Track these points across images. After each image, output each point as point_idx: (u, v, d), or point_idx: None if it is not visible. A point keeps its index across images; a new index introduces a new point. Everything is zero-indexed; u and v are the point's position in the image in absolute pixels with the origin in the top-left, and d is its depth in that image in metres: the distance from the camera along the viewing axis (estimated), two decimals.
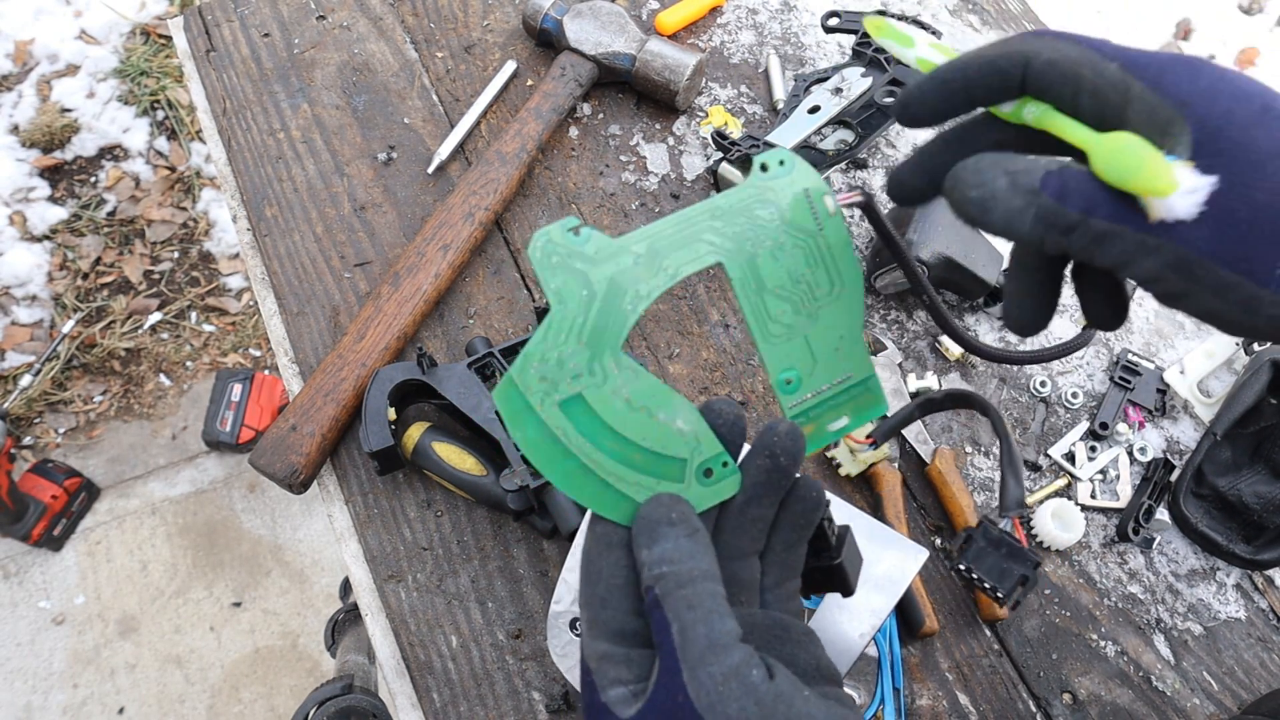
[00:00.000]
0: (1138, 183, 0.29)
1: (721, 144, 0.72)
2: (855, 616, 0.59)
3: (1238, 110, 0.29)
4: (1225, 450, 0.69)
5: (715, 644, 0.32)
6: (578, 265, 0.36)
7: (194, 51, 0.88)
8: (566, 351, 0.36)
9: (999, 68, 0.34)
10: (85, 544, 1.70)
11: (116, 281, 1.93)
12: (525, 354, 0.35)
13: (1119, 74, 0.31)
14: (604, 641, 0.35)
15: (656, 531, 0.35)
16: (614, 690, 0.34)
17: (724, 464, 0.37)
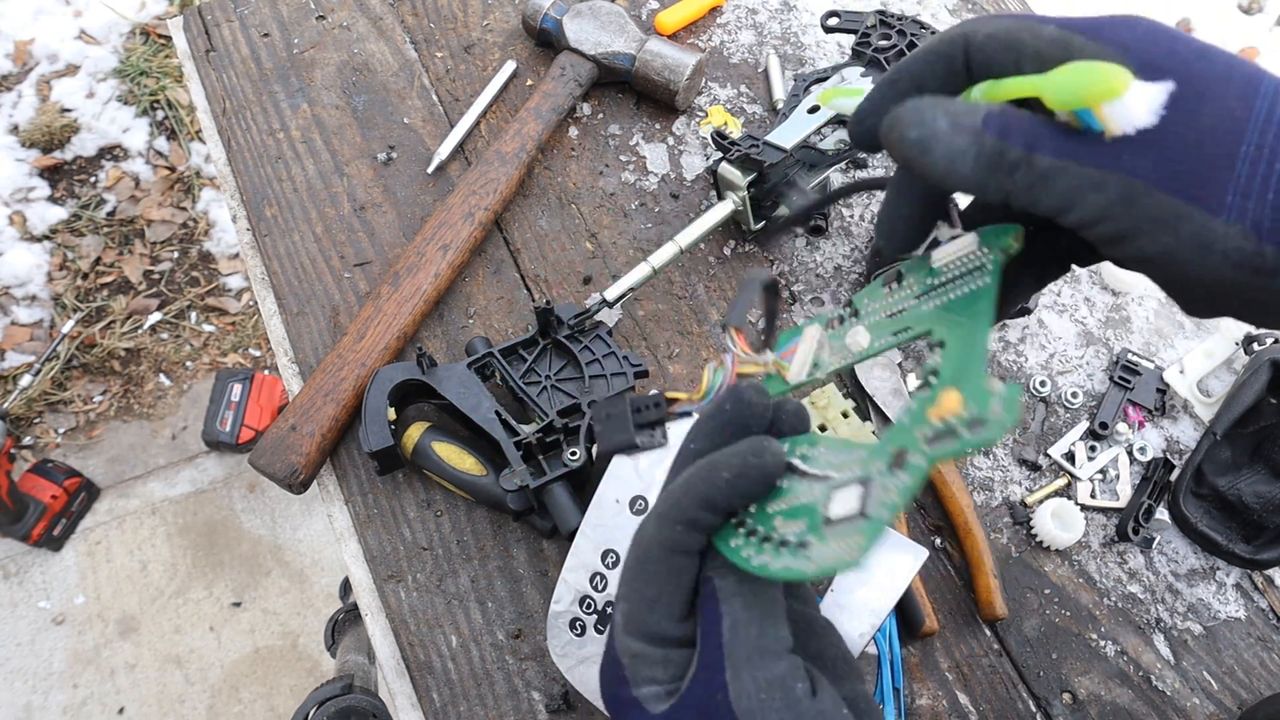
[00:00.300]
0: (1091, 89, 0.28)
1: (721, 144, 0.72)
2: (855, 616, 0.59)
3: (1178, 49, 0.29)
4: (1225, 450, 0.69)
5: (765, 649, 0.31)
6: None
7: (194, 51, 0.88)
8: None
9: (941, 53, 0.34)
10: (85, 544, 1.70)
11: (116, 281, 1.93)
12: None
13: (1057, 33, 0.31)
14: (640, 641, 0.34)
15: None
16: (648, 688, 0.33)
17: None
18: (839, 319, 0.41)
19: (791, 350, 0.41)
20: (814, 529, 0.32)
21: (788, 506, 0.34)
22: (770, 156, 0.70)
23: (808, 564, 0.31)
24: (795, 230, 0.44)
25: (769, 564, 0.32)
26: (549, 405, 0.66)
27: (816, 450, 0.36)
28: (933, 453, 0.31)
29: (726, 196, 0.73)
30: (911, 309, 0.39)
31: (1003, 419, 0.30)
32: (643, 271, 0.70)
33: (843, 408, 0.70)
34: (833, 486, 0.33)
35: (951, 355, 0.34)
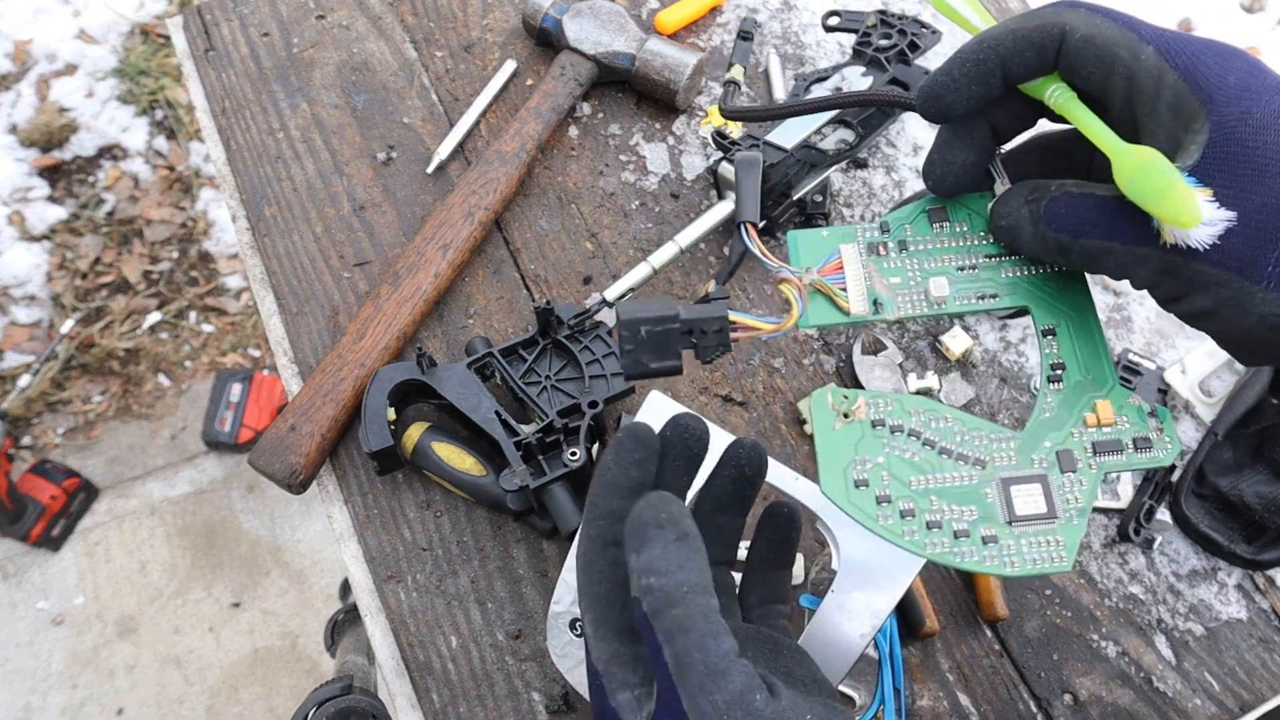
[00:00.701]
0: (1161, 211, 0.30)
1: (721, 144, 0.72)
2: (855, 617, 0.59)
3: (1255, 112, 0.30)
4: (1227, 450, 0.69)
5: (713, 670, 0.30)
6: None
7: (193, 51, 0.88)
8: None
9: (1034, 42, 0.33)
10: (84, 544, 1.70)
11: (115, 281, 1.93)
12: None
13: (1155, 59, 0.31)
14: (613, 640, 0.34)
15: (645, 535, 0.32)
16: (622, 694, 0.33)
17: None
18: (883, 245, 0.37)
19: (833, 268, 0.37)
20: (993, 522, 0.32)
21: (941, 485, 0.33)
22: (771, 156, 0.70)
23: (1008, 561, 0.32)
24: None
25: (955, 554, 0.32)
26: (549, 405, 0.66)
27: (942, 418, 0.34)
28: (1102, 465, 0.33)
29: (727, 196, 0.73)
30: (986, 269, 0.36)
31: (1171, 447, 0.33)
32: (643, 271, 0.70)
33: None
34: (1001, 479, 0.33)
35: (1073, 353, 0.35)
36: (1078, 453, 0.33)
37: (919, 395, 0.35)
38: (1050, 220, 0.33)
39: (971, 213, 0.37)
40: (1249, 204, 0.29)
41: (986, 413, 0.71)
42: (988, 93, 0.35)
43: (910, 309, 0.36)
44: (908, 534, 0.33)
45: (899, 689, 0.61)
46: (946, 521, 0.33)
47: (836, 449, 0.34)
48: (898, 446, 0.34)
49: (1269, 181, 0.29)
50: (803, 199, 0.75)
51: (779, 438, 0.70)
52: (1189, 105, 0.31)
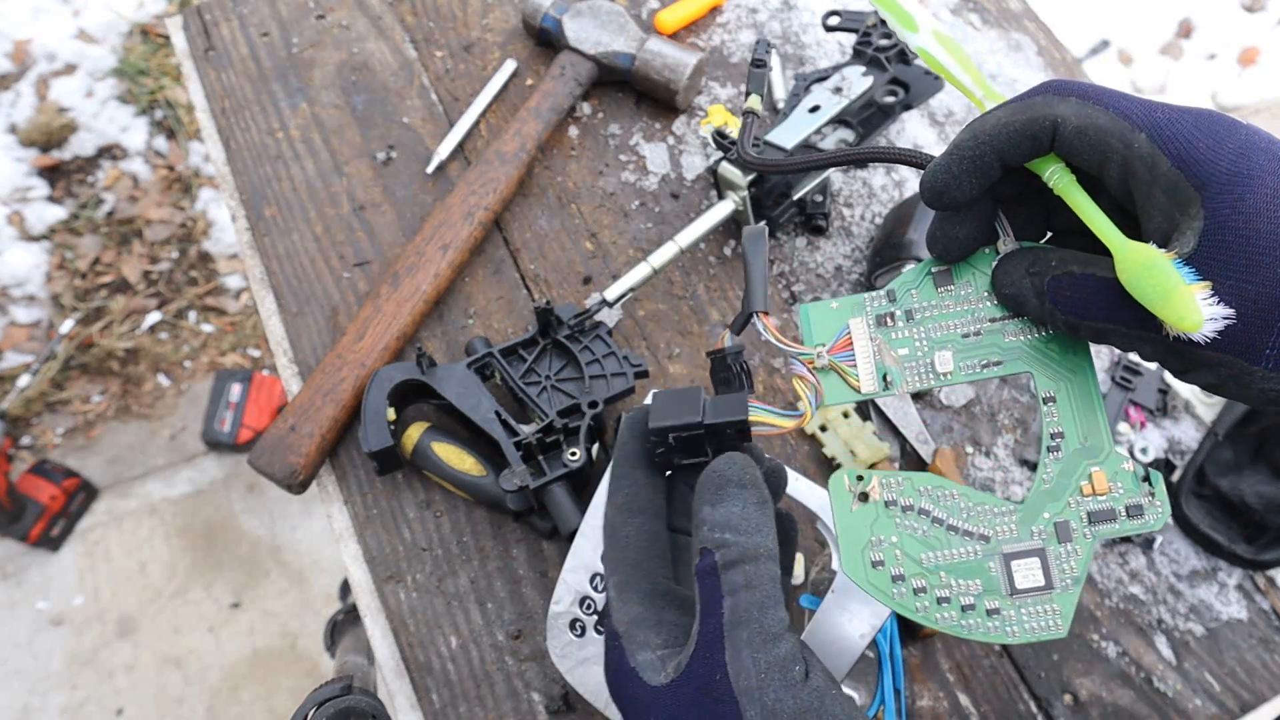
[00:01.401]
0: (1164, 314, 0.31)
1: (721, 143, 0.71)
2: (855, 617, 0.59)
3: (1248, 199, 0.30)
4: (1227, 450, 0.69)
5: (767, 632, 0.32)
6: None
7: (193, 50, 0.88)
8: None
9: (1029, 135, 0.34)
10: (84, 544, 1.70)
11: (115, 281, 1.93)
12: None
13: (1148, 147, 0.32)
14: (636, 604, 0.35)
15: (725, 491, 0.34)
16: (643, 654, 0.34)
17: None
18: (890, 316, 0.39)
19: (844, 344, 0.38)
20: (996, 595, 0.35)
21: (949, 562, 0.36)
22: (771, 156, 0.70)
23: (1010, 631, 0.35)
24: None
25: (963, 626, 0.35)
26: (549, 405, 0.66)
27: (949, 494, 0.37)
28: (1096, 533, 0.35)
29: (727, 196, 0.73)
30: (990, 334, 0.38)
31: (1161, 512, 0.35)
32: (643, 271, 0.69)
33: (843, 408, 0.70)
34: (1003, 554, 0.36)
35: (1072, 420, 0.37)
36: (1074, 522, 0.36)
37: (926, 473, 0.37)
38: (1055, 300, 0.34)
39: (976, 271, 0.38)
40: (1245, 293, 0.30)
41: (987, 413, 0.71)
42: (987, 181, 0.36)
43: (918, 382, 0.38)
44: (921, 610, 0.36)
45: (899, 689, 0.61)
46: (955, 596, 0.36)
47: (855, 531, 0.37)
48: (909, 525, 0.37)
49: (1263, 270, 0.30)
50: (803, 199, 0.75)
51: (779, 438, 0.70)
52: (1183, 191, 0.31)
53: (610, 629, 0.36)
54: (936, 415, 0.71)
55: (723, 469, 0.35)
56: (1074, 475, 0.36)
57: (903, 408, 0.71)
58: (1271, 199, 0.30)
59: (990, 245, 0.38)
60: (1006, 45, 0.88)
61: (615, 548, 0.37)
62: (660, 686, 0.33)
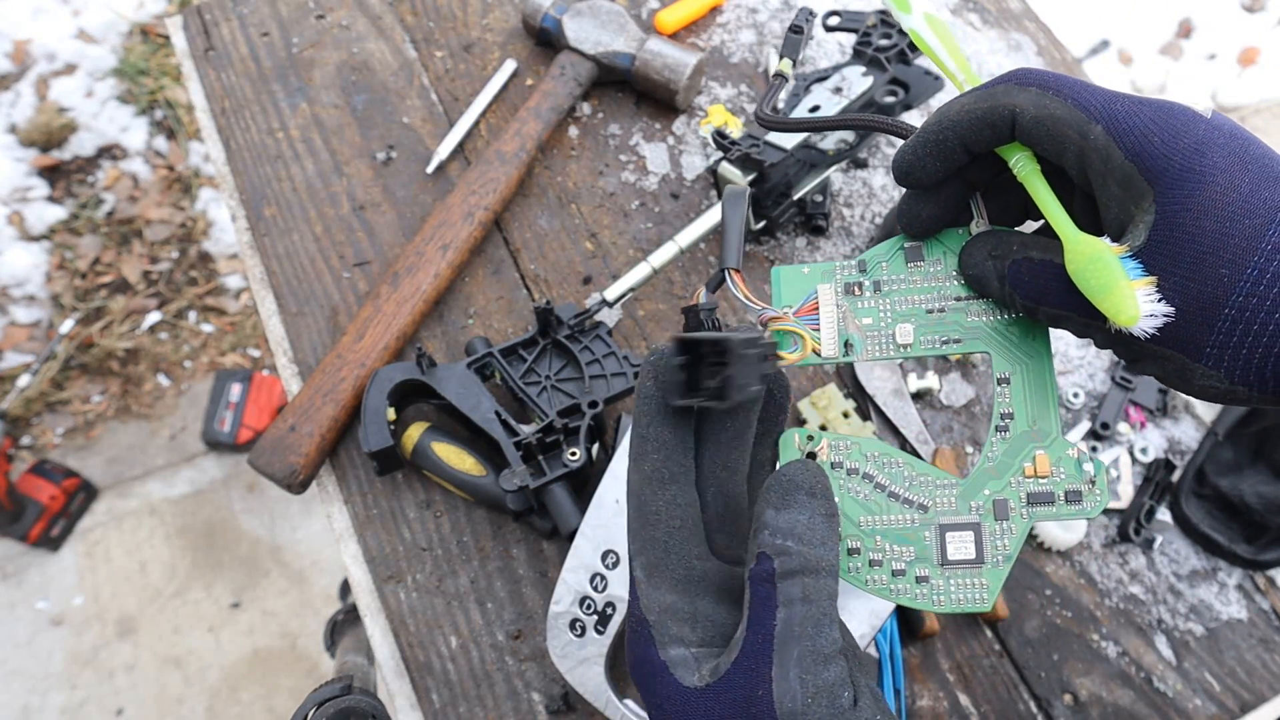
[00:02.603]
0: (1104, 306, 0.32)
1: (721, 143, 0.71)
2: (855, 617, 0.59)
3: (1197, 196, 0.31)
4: (1227, 450, 0.69)
5: (819, 652, 0.30)
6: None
7: (193, 50, 0.88)
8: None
9: (987, 122, 0.35)
10: (83, 544, 1.70)
11: (115, 281, 1.93)
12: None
13: (1103, 139, 0.32)
14: (667, 590, 0.34)
15: (795, 497, 0.32)
16: (676, 650, 0.33)
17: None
18: (858, 285, 0.39)
19: (810, 308, 0.39)
20: (927, 563, 0.36)
21: (885, 525, 0.37)
22: (771, 156, 0.70)
23: (936, 599, 0.36)
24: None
25: (891, 590, 0.36)
26: (549, 405, 0.66)
27: (894, 462, 0.37)
28: (1033, 515, 0.36)
29: None
30: (954, 312, 0.38)
31: (1100, 500, 0.36)
32: (643, 271, 0.69)
33: (843, 408, 0.70)
34: (939, 525, 0.36)
35: (1023, 402, 0.37)
36: (1013, 502, 0.36)
37: (874, 439, 0.38)
38: (1015, 285, 0.35)
39: (947, 250, 0.39)
40: (1188, 291, 0.30)
41: (986, 412, 0.71)
42: (952, 165, 0.36)
43: (878, 352, 0.38)
44: (852, 569, 0.36)
45: (899, 689, 0.61)
46: (887, 560, 0.36)
47: None
48: (852, 488, 0.37)
49: (1207, 270, 0.30)
50: (803, 199, 0.75)
51: None
52: (1137, 184, 0.32)
53: (637, 614, 0.34)
54: (936, 415, 0.71)
55: (794, 473, 0.33)
56: (1018, 456, 0.37)
57: (902, 408, 0.71)
58: (1221, 198, 0.30)
59: (964, 226, 0.39)
60: (1006, 45, 0.88)
61: (644, 524, 0.34)
62: (695, 689, 0.31)
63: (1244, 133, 0.32)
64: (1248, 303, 0.29)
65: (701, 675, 0.32)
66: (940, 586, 0.36)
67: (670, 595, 0.34)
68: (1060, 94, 0.33)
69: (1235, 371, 0.30)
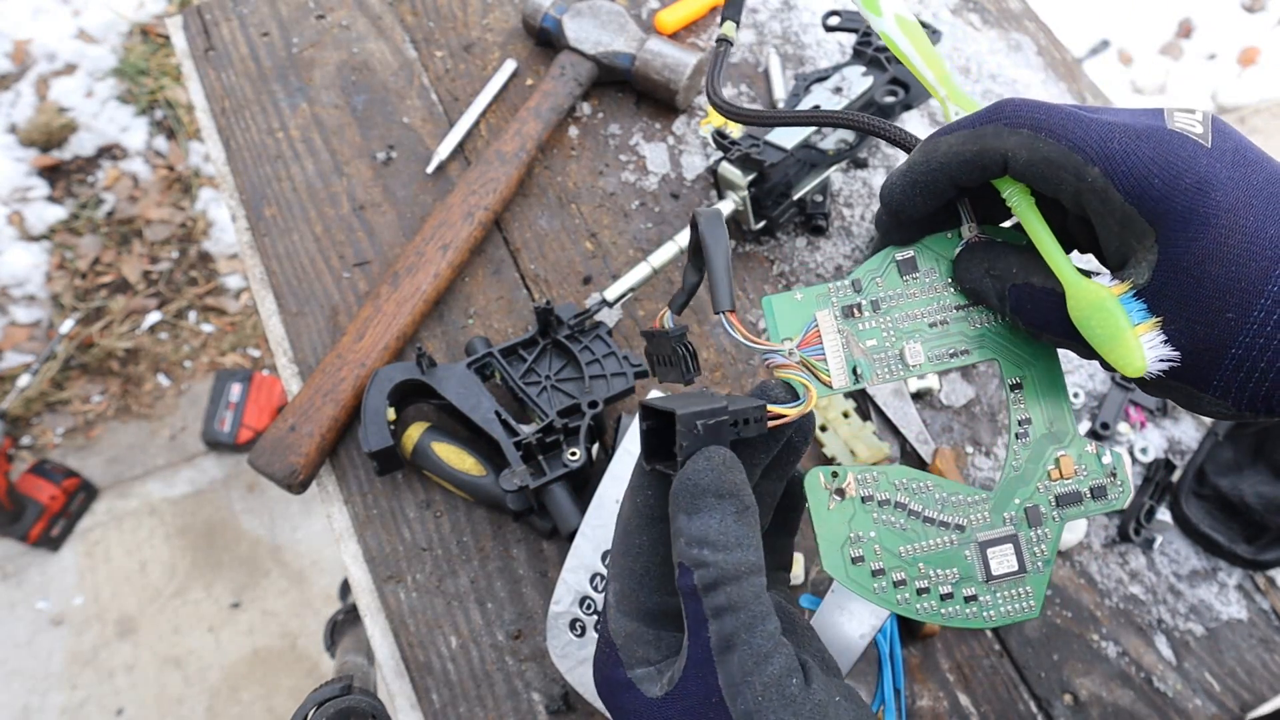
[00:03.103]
0: (1110, 356, 0.32)
1: (721, 143, 0.71)
2: (855, 617, 0.59)
3: (1201, 241, 0.30)
4: (1227, 450, 0.69)
5: (758, 651, 0.30)
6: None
7: (193, 50, 0.88)
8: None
9: (979, 165, 0.34)
10: (83, 544, 1.70)
11: (115, 281, 1.93)
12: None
13: (1101, 182, 0.32)
14: (634, 619, 0.34)
15: (702, 502, 0.31)
16: (640, 669, 0.34)
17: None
18: (856, 307, 0.38)
19: (812, 338, 0.38)
20: (973, 582, 0.37)
21: (925, 552, 0.37)
22: (771, 156, 0.70)
23: (986, 615, 0.36)
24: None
25: (942, 614, 0.36)
26: (549, 405, 0.66)
27: (923, 486, 0.37)
28: (1064, 516, 0.36)
29: (727, 196, 0.73)
30: (956, 322, 0.38)
31: (1124, 491, 0.36)
32: (643, 271, 0.69)
33: (843, 408, 0.70)
34: (978, 542, 0.37)
35: (1037, 405, 0.38)
36: (1043, 507, 0.37)
37: (900, 466, 0.38)
38: (1016, 310, 0.35)
39: (939, 257, 0.38)
40: (1195, 333, 0.30)
41: (986, 413, 0.71)
42: (943, 199, 0.36)
43: (887, 375, 0.38)
44: (902, 602, 0.37)
45: (899, 689, 0.61)
46: (934, 586, 0.37)
47: (833, 528, 0.37)
48: (887, 519, 0.37)
49: (1213, 314, 0.30)
50: (803, 199, 0.75)
51: None
52: (1138, 224, 0.31)
53: (605, 634, 0.35)
54: (936, 415, 0.71)
55: (697, 475, 0.31)
56: (1041, 460, 0.37)
57: (903, 408, 0.71)
58: (1225, 242, 0.30)
59: (953, 230, 0.38)
60: (1006, 45, 0.88)
61: (625, 554, 0.35)
62: (657, 699, 0.32)
63: (1247, 153, 0.31)
64: (1254, 343, 0.30)
65: (662, 685, 0.33)
66: (989, 602, 0.36)
67: (637, 623, 0.34)
68: (1053, 134, 0.32)
69: (1243, 401, 0.31)
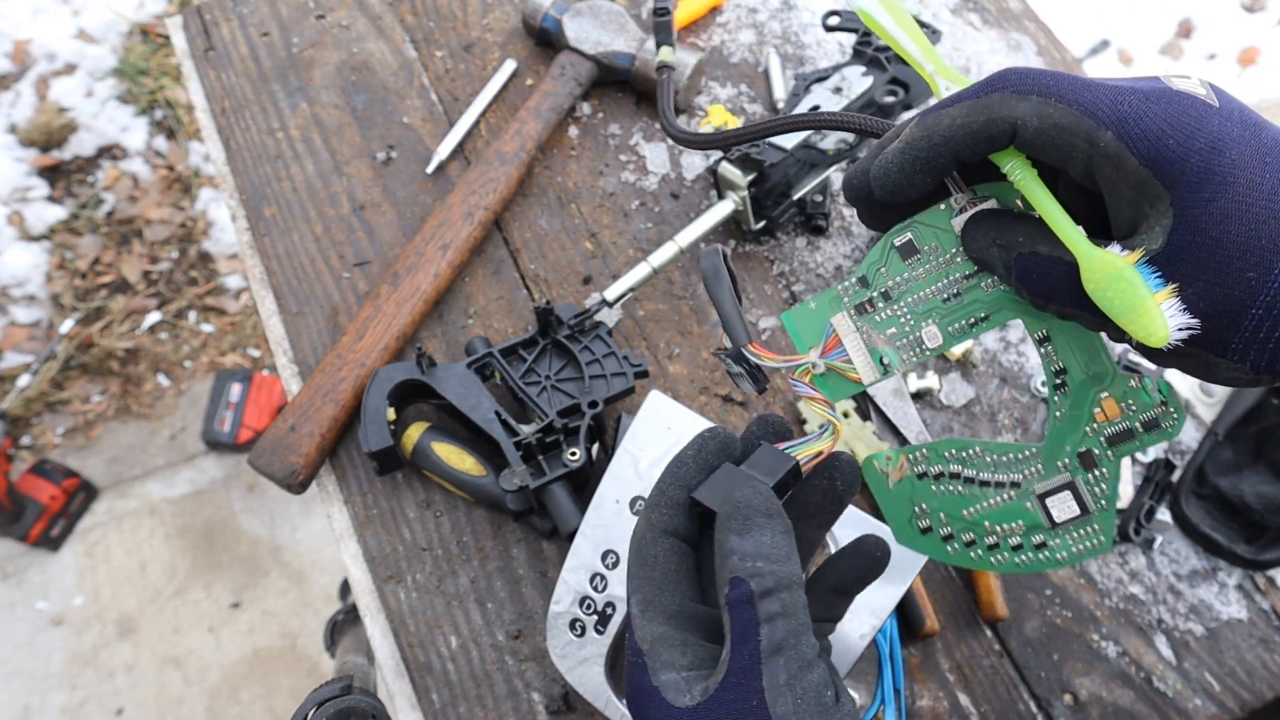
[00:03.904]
0: (1131, 328, 0.31)
1: None
2: (855, 617, 0.59)
3: (1219, 201, 0.30)
4: (1227, 450, 0.69)
5: (803, 659, 0.32)
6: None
7: (193, 50, 0.88)
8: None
9: (986, 136, 0.33)
10: (83, 544, 1.70)
11: (115, 281, 1.93)
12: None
13: (1114, 146, 0.31)
14: (661, 624, 0.35)
15: (753, 521, 0.34)
16: (666, 674, 0.34)
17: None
18: (868, 303, 0.39)
19: (833, 343, 0.39)
20: (1040, 530, 0.37)
21: (989, 510, 0.38)
22: (771, 156, 0.70)
23: (1059, 556, 0.37)
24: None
25: (1017, 563, 0.38)
26: (549, 405, 0.66)
27: (972, 453, 0.38)
28: (1119, 453, 0.37)
29: (727, 196, 0.73)
30: (970, 290, 0.37)
31: (1178, 419, 0.36)
32: (643, 271, 0.69)
33: (843, 408, 0.70)
34: (1036, 494, 0.37)
35: (1069, 351, 0.37)
36: (1095, 449, 0.37)
37: (945, 439, 0.40)
38: (1023, 280, 0.34)
39: (938, 231, 0.38)
40: (1214, 296, 0.30)
41: (987, 412, 0.71)
42: (942, 177, 0.35)
43: (914, 358, 0.39)
44: (977, 558, 0.38)
45: (899, 689, 0.61)
46: (1003, 540, 0.38)
47: (897, 506, 0.39)
48: (944, 489, 0.39)
49: (1232, 274, 0.29)
50: (803, 199, 0.75)
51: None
52: (1152, 188, 0.30)
53: (632, 646, 0.36)
54: (937, 415, 0.71)
55: (747, 497, 0.35)
56: (1086, 404, 0.37)
57: (902, 408, 0.71)
58: (1244, 199, 0.29)
59: (944, 201, 0.37)
60: (1006, 45, 0.88)
61: (642, 565, 0.37)
62: (686, 709, 0.33)
63: (1254, 116, 0.31)
64: (1275, 301, 0.29)
65: (692, 695, 0.33)
66: (1058, 545, 0.37)
67: (663, 626, 0.35)
68: (1063, 99, 0.31)
69: (1261, 363, 0.30)
